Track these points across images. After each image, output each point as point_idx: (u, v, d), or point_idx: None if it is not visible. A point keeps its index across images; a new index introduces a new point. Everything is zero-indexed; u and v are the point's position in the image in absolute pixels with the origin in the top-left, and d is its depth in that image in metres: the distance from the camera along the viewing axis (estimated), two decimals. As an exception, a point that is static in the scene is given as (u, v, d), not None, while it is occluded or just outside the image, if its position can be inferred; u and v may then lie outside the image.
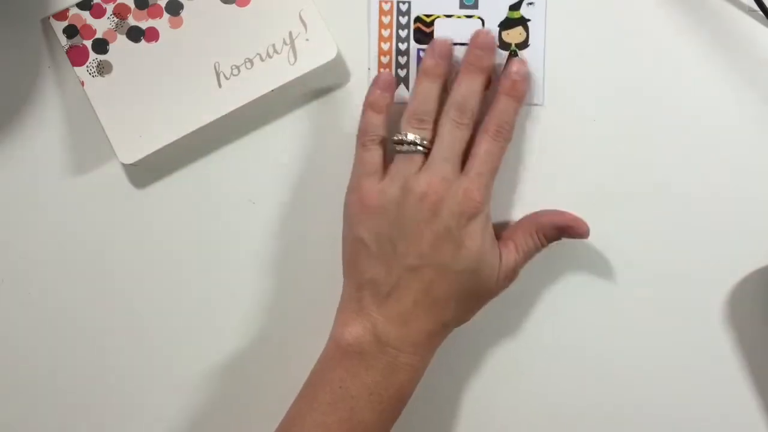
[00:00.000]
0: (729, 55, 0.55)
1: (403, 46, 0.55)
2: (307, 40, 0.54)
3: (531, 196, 0.55)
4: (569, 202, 0.54)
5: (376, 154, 0.51)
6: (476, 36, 0.52)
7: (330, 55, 0.54)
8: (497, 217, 0.54)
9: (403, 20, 0.55)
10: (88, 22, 0.54)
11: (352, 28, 0.55)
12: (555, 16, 0.55)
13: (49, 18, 0.54)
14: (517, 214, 0.55)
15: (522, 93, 0.52)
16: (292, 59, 0.54)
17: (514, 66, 0.52)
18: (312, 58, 0.54)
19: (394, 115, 0.52)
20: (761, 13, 0.54)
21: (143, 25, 0.54)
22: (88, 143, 0.55)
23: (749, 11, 0.55)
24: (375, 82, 0.52)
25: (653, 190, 0.55)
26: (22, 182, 0.56)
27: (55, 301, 0.56)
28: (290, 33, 0.54)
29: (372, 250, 0.49)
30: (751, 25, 0.55)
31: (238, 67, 0.54)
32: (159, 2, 0.54)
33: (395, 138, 0.50)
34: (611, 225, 0.55)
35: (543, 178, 0.55)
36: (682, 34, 0.55)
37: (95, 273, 0.56)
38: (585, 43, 0.55)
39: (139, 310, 0.56)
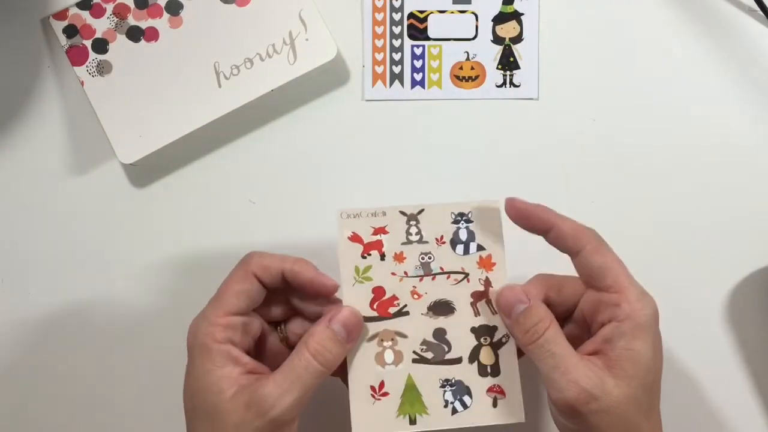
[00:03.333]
0: (729, 55, 0.55)
1: (396, 43, 0.55)
2: (307, 40, 0.54)
3: (525, 190, 0.55)
4: (564, 199, 0.54)
5: None
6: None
7: (330, 55, 0.54)
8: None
9: (397, 16, 0.55)
10: (87, 21, 0.54)
11: (347, 25, 0.55)
12: (548, 10, 0.55)
13: (48, 18, 0.54)
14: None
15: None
16: (292, 59, 0.54)
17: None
18: (312, 58, 0.54)
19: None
20: (761, 13, 0.54)
21: (143, 24, 0.54)
22: (88, 143, 0.55)
23: (749, 11, 0.55)
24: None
25: (652, 189, 0.55)
26: (22, 182, 0.56)
27: (55, 301, 0.56)
28: (290, 33, 0.54)
29: None
30: (751, 25, 0.55)
31: (238, 67, 0.54)
32: (159, 2, 0.54)
33: None
34: (610, 225, 0.55)
35: (536, 172, 0.55)
36: (680, 33, 0.55)
37: (95, 272, 0.56)
38: (579, 36, 0.55)
39: (139, 309, 0.56)
